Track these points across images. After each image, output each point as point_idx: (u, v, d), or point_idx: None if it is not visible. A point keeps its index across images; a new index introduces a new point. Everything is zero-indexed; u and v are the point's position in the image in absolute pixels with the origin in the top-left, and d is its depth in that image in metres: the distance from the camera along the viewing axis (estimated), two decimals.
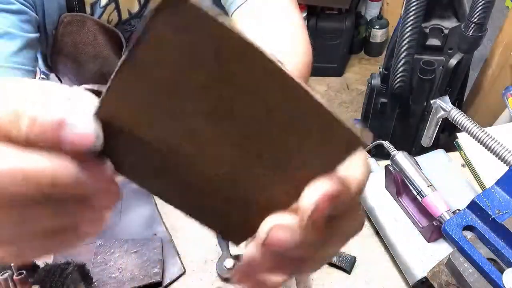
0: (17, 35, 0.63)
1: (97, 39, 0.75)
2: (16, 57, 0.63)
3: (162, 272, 0.64)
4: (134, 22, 0.78)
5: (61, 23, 0.71)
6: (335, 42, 2.30)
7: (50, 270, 0.53)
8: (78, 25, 0.72)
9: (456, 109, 0.62)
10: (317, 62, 2.33)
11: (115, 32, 0.76)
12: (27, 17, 0.66)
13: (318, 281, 0.64)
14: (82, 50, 0.76)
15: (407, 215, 0.66)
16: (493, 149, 0.57)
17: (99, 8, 0.73)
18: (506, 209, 0.51)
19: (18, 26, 0.64)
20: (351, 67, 2.52)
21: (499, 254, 0.51)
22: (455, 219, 0.55)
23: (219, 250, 0.68)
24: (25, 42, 0.65)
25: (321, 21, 2.27)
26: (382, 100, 1.52)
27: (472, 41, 1.26)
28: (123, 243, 0.66)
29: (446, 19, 1.34)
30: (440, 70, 1.37)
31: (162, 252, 0.66)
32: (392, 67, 1.36)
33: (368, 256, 0.67)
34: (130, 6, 0.76)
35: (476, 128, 0.59)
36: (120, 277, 0.63)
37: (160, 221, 0.71)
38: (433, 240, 0.63)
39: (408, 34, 1.27)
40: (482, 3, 1.17)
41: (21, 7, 0.64)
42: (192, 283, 0.64)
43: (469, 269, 0.52)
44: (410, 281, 0.61)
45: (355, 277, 0.65)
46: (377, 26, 2.44)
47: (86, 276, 0.59)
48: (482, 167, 0.75)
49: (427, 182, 0.62)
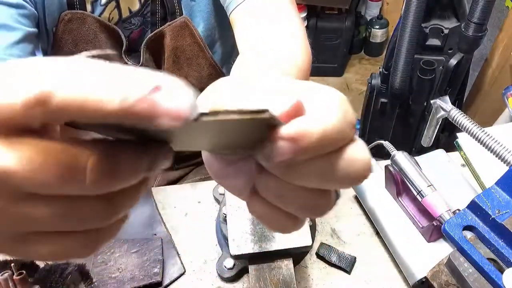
0: (15, 27, 0.63)
1: (98, 37, 0.75)
2: (12, 49, 0.63)
3: (162, 272, 0.64)
4: (134, 20, 0.78)
5: (62, 21, 0.71)
6: (335, 42, 2.30)
7: (50, 270, 0.53)
8: (78, 22, 0.72)
9: (456, 109, 0.62)
10: (317, 62, 2.34)
11: (116, 30, 0.76)
12: (26, 12, 0.66)
13: (318, 281, 0.64)
14: (82, 48, 0.76)
15: (407, 215, 0.66)
16: (493, 149, 0.57)
17: (100, 6, 0.73)
18: (506, 209, 0.51)
19: (16, 19, 0.64)
20: (351, 67, 2.52)
21: (499, 254, 0.51)
22: (455, 219, 0.55)
23: (219, 250, 0.68)
24: (22, 35, 0.64)
25: (321, 21, 2.27)
26: (382, 100, 1.52)
27: (472, 41, 1.27)
28: (123, 243, 0.66)
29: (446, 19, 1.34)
30: (440, 70, 1.37)
31: (162, 252, 0.66)
32: (392, 67, 1.36)
33: (368, 256, 0.67)
34: (130, 4, 0.76)
35: (476, 128, 0.59)
36: (120, 277, 0.63)
37: (160, 221, 0.71)
38: (433, 240, 0.63)
39: (408, 34, 1.27)
40: (482, 3, 1.17)
41: (20, 1, 0.64)
42: (192, 283, 0.64)
43: (469, 269, 0.52)
44: (410, 281, 0.61)
45: (355, 277, 0.65)
46: (377, 26, 2.44)
47: (86, 276, 0.59)
48: (482, 167, 0.75)
49: (427, 182, 0.62)
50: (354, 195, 0.75)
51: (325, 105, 0.20)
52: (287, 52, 0.55)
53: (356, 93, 2.36)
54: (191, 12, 0.78)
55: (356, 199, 0.74)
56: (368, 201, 0.70)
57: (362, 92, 2.31)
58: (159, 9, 0.77)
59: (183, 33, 0.77)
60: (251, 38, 0.63)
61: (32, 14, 0.68)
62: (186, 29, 0.77)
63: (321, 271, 0.65)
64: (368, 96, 1.56)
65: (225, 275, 0.63)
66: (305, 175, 0.21)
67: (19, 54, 0.64)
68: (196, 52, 0.80)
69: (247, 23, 0.65)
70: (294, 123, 0.20)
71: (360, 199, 0.72)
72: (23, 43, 0.65)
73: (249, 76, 0.25)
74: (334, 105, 0.21)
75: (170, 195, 0.76)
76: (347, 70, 2.50)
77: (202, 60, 0.81)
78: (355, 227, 0.71)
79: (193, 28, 0.77)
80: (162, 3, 0.76)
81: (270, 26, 0.63)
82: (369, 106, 1.58)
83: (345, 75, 2.47)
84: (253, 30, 0.64)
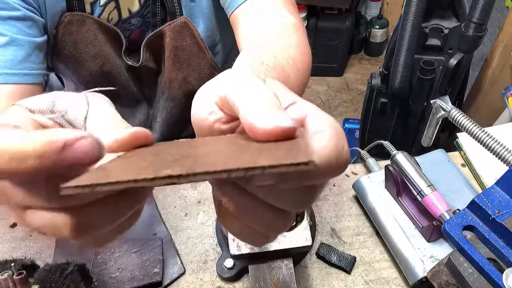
0: (25, 40, 0.65)
1: (97, 38, 0.75)
2: (25, 63, 0.65)
3: (162, 272, 0.64)
4: (134, 21, 0.78)
5: (61, 23, 0.71)
6: (335, 42, 2.31)
7: (50, 270, 0.53)
8: (78, 24, 0.72)
9: (456, 109, 0.62)
10: (317, 62, 2.34)
11: (115, 31, 0.76)
12: (33, 22, 0.67)
13: (318, 281, 0.64)
14: (82, 50, 0.76)
15: (407, 215, 0.66)
16: (493, 149, 0.57)
17: (99, 6, 0.73)
18: (506, 209, 0.51)
19: (25, 32, 0.65)
20: (351, 67, 2.52)
21: (499, 254, 0.51)
22: (455, 219, 0.55)
23: (219, 250, 0.68)
24: (32, 47, 0.66)
25: (321, 21, 2.27)
26: (382, 100, 1.52)
27: (472, 41, 1.26)
28: (123, 243, 0.66)
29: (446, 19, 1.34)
30: (440, 70, 1.37)
31: (162, 252, 0.66)
32: (392, 67, 1.36)
33: (368, 256, 0.67)
34: (130, 5, 0.76)
35: (476, 128, 0.59)
36: (120, 277, 0.63)
37: (160, 221, 0.71)
38: (433, 240, 0.63)
39: (408, 34, 1.27)
40: (482, 3, 1.17)
41: (26, 13, 0.65)
42: (192, 283, 0.64)
43: (469, 269, 0.52)
44: (410, 281, 0.61)
45: (355, 277, 0.65)
46: (377, 26, 2.44)
47: (86, 276, 0.59)
48: (482, 167, 0.75)
49: (427, 182, 0.62)
50: (354, 195, 0.75)
51: (323, 142, 0.21)
52: (286, 53, 0.55)
53: (356, 93, 2.36)
54: (191, 12, 0.78)
55: (356, 199, 0.74)
56: (368, 201, 0.70)
57: (362, 92, 2.31)
58: (159, 10, 0.77)
59: (183, 33, 0.77)
60: (251, 38, 0.63)
61: (40, 23, 0.69)
62: (186, 29, 0.77)
63: (321, 271, 0.65)
64: (368, 96, 1.56)
65: (225, 275, 0.63)
66: (278, 196, 0.22)
67: (31, 67, 0.66)
68: (196, 53, 0.80)
69: (247, 23, 0.65)
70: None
71: (360, 199, 0.72)
72: (34, 54, 0.67)
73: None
74: (331, 144, 0.21)
75: (170, 195, 0.76)
76: (347, 70, 2.50)
77: (202, 60, 0.81)
78: (355, 227, 0.71)
79: (193, 28, 0.77)
80: (163, 3, 0.76)
81: (270, 26, 0.63)
82: (369, 106, 1.57)
83: (345, 75, 2.47)
84: (253, 31, 0.64)
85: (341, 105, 2.30)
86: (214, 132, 0.26)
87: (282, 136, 0.21)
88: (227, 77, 0.27)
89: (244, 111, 0.22)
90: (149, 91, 0.90)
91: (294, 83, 0.53)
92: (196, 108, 0.27)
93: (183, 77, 0.83)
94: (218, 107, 0.26)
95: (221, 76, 0.27)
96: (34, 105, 0.26)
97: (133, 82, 0.85)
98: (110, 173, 0.19)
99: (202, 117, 0.27)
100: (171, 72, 0.82)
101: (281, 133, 0.21)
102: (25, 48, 0.65)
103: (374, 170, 0.75)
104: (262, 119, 0.21)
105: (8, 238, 0.70)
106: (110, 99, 0.30)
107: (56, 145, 0.20)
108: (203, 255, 0.67)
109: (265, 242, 0.26)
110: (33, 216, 0.23)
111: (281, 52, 0.54)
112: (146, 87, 0.89)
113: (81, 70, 0.79)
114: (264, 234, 0.25)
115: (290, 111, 0.24)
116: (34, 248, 0.68)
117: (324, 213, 0.73)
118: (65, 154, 0.20)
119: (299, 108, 0.24)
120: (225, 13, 0.71)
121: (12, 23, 0.63)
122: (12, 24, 0.63)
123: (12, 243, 0.69)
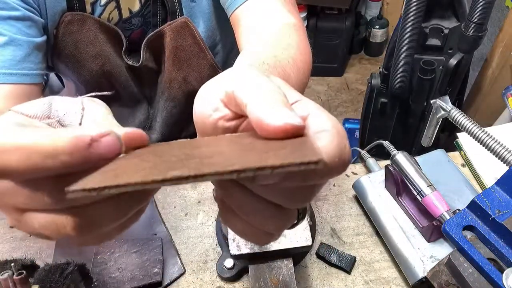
0: (24, 40, 0.65)
1: (98, 38, 0.75)
2: (24, 63, 0.65)
3: (162, 272, 0.64)
4: (134, 21, 0.78)
5: (62, 23, 0.71)
6: (335, 42, 2.31)
7: (50, 270, 0.53)
8: (78, 24, 0.72)
9: (456, 109, 0.62)
10: (317, 62, 2.34)
11: (116, 30, 0.76)
12: (32, 22, 0.67)
13: (318, 281, 0.64)
14: (82, 50, 0.76)
15: (407, 215, 0.66)
16: (493, 149, 0.57)
17: (99, 6, 0.73)
18: (506, 209, 0.51)
19: (24, 32, 0.65)
20: (351, 67, 2.52)
21: (499, 254, 0.51)
22: (455, 219, 0.55)
23: (219, 250, 0.68)
24: (32, 47, 0.66)
25: (321, 21, 2.27)
26: (382, 100, 1.52)
27: (472, 41, 1.26)
28: (123, 243, 0.66)
29: (446, 19, 1.34)
30: (440, 70, 1.37)
31: (162, 252, 0.66)
32: (392, 67, 1.36)
33: (368, 256, 0.67)
34: (130, 5, 0.76)
35: (476, 128, 0.59)
36: (120, 277, 0.63)
37: (160, 221, 0.71)
38: (433, 240, 0.63)
39: (408, 34, 1.27)
40: (482, 3, 1.17)
41: (25, 13, 0.65)
42: (192, 283, 0.64)
43: (469, 269, 0.52)
44: (410, 281, 0.61)
45: (355, 277, 0.65)
46: (377, 26, 2.44)
47: (86, 276, 0.59)
48: (482, 167, 0.75)
49: (427, 182, 0.62)
50: (354, 195, 0.75)
51: (327, 142, 0.21)
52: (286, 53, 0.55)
53: (356, 93, 2.36)
54: (191, 13, 0.78)
55: (356, 199, 0.75)
56: (368, 201, 0.70)
57: (362, 92, 2.31)
58: (160, 10, 0.77)
59: (183, 33, 0.77)
60: (251, 38, 0.63)
61: (39, 23, 0.68)
62: (187, 29, 0.77)
63: (321, 271, 0.65)
64: (368, 96, 1.56)
65: (225, 275, 0.63)
66: (278, 194, 0.23)
67: (30, 67, 0.66)
68: (196, 53, 0.80)
69: (248, 24, 0.65)
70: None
71: (360, 199, 0.72)
72: (33, 54, 0.66)
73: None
74: (334, 145, 0.22)
75: (170, 195, 0.76)
76: (347, 70, 2.50)
77: (202, 60, 0.81)
78: (355, 227, 0.71)
79: (193, 28, 0.77)
80: (163, 3, 0.76)
81: (270, 27, 0.63)
82: (369, 106, 1.57)
83: (345, 75, 2.48)
84: (254, 31, 0.64)
85: (341, 105, 2.30)
86: (218, 129, 0.26)
87: (291, 133, 0.21)
88: (231, 74, 0.26)
89: (253, 107, 0.22)
90: (149, 91, 0.90)
91: (294, 82, 0.53)
92: (199, 105, 0.27)
93: (183, 77, 0.83)
94: (223, 104, 0.26)
95: (224, 74, 0.27)
96: (30, 110, 0.25)
97: (133, 82, 0.85)
98: (115, 175, 0.19)
99: (206, 114, 0.26)
100: (171, 72, 0.82)
101: (290, 130, 0.21)
102: (24, 48, 0.65)
103: (374, 170, 0.75)
104: (272, 116, 0.21)
105: (8, 238, 0.70)
106: (110, 99, 0.30)
107: (84, 141, 0.20)
108: (203, 255, 0.67)
109: (268, 241, 0.26)
110: (33, 218, 0.23)
111: (282, 52, 0.54)
112: (146, 87, 0.89)
113: (82, 70, 0.79)
114: (267, 232, 0.25)
115: (294, 109, 0.24)
116: (34, 248, 0.68)
117: (324, 213, 0.73)
118: (91, 150, 0.21)
119: (302, 106, 0.24)
120: (225, 13, 0.71)
121: (12, 23, 0.63)
122: (11, 24, 0.63)
123: (12, 243, 0.69)
